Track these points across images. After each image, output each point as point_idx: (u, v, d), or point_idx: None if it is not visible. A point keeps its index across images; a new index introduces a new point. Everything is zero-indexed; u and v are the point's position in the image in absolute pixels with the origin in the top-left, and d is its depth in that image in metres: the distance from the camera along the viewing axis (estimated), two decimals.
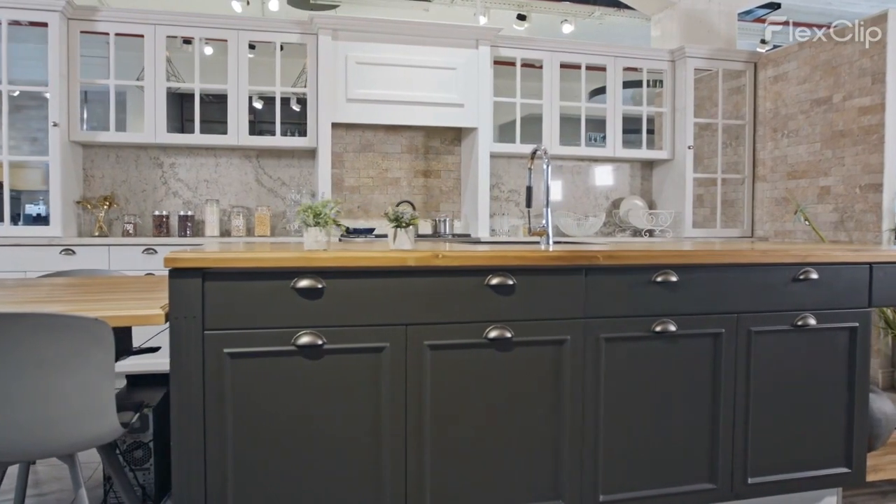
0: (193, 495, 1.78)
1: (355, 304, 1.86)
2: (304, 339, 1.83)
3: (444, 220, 4.81)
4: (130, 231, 4.37)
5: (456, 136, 5.07)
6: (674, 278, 2.08)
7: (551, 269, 1.99)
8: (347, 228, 4.63)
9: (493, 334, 1.94)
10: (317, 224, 1.93)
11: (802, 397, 2.26)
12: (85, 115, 4.21)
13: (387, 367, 1.89)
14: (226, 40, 4.33)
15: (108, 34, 4.16)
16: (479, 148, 4.71)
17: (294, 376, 1.84)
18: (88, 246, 3.94)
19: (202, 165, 4.64)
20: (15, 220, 4.10)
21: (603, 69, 5.01)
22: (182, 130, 4.29)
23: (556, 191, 5.31)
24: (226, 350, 1.79)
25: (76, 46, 4.11)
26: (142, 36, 4.20)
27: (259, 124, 4.49)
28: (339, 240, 4.24)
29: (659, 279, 2.07)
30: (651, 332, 2.08)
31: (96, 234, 4.31)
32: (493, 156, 5.01)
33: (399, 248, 1.99)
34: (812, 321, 2.23)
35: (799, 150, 4.74)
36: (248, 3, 6.30)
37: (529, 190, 2.85)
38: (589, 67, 4.99)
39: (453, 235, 4.80)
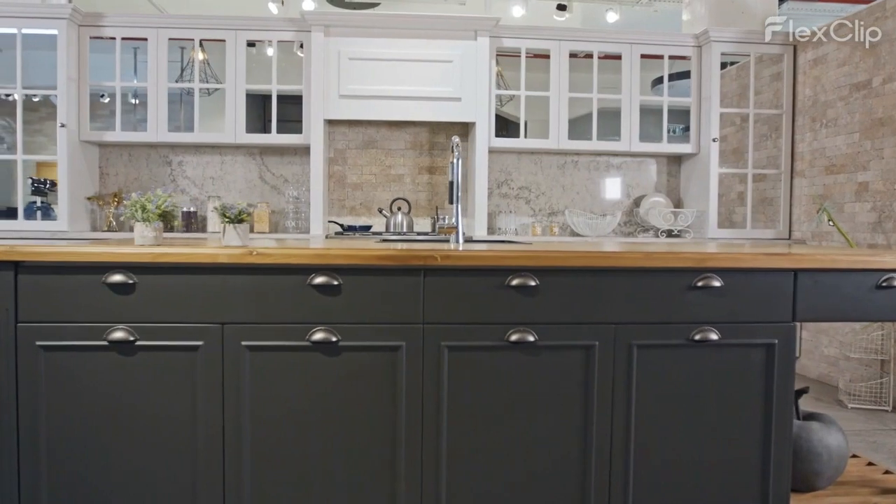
0: (6, 489, 1.79)
1: (169, 300, 1.80)
2: (116, 335, 1.79)
3: (444, 218, 4.67)
4: None
5: (463, 131, 4.91)
6: (532, 282, 1.86)
7: (383, 270, 1.83)
8: (342, 225, 4.61)
9: (317, 337, 1.82)
10: (144, 219, 1.89)
11: (703, 425, 1.95)
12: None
13: (202, 366, 1.82)
14: (224, 40, 4.42)
15: (114, 39, 4.36)
16: (477, 143, 4.53)
17: (108, 372, 1.81)
18: (89, 239, 4.15)
19: (208, 163, 4.78)
20: (29, 214, 4.38)
21: (618, 58, 4.68)
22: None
23: (569, 188, 5.01)
24: (38, 343, 1.79)
25: (86, 51, 4.34)
26: (146, 39, 4.38)
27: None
28: (336, 234, 4.23)
29: (515, 283, 1.86)
30: (506, 342, 1.87)
31: (105, 229, 4.54)
32: (502, 151, 4.82)
33: (228, 244, 1.91)
34: (713, 336, 1.92)
35: (837, 142, 4.19)
36: (282, 3, 6.43)
37: (451, 185, 2.68)
38: (602, 56, 4.67)
39: None
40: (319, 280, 1.81)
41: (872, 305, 1.98)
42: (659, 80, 5.90)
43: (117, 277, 1.78)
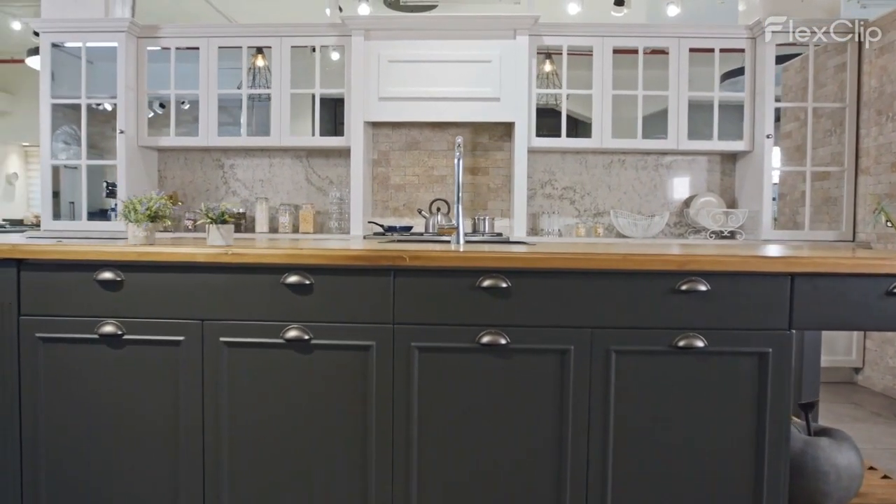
0: (10, 467, 1.94)
1: (153, 297, 1.89)
2: (106, 329, 1.90)
3: (484, 219, 4.64)
4: (190, 227, 4.81)
5: (506, 131, 4.87)
6: (504, 284, 1.83)
7: (353, 270, 1.85)
8: (383, 226, 4.68)
9: (290, 335, 1.86)
10: (135, 220, 2.00)
11: (688, 437, 1.85)
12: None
13: (184, 361, 1.90)
14: (270, 46, 4.59)
15: (169, 49, 4.61)
16: (516, 143, 4.48)
17: (99, 364, 1.92)
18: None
19: (257, 166, 4.97)
20: (92, 216, 4.69)
21: (664, 52, 4.50)
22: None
23: (615, 188, 4.87)
24: (38, 335, 1.92)
25: (144, 61, 4.61)
26: (197, 48, 4.61)
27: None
28: (375, 234, 4.30)
29: (485, 284, 1.83)
30: (477, 344, 1.85)
31: (161, 229, 4.80)
32: (546, 151, 4.75)
33: (212, 244, 1.98)
34: (699, 343, 1.82)
35: None
36: (340, 8, 6.58)
37: (456, 185, 2.67)
38: (648, 51, 4.51)
39: (494, 235, 4.62)
40: (292, 279, 1.85)
41: (882, 313, 1.82)
42: (727, 75, 5.63)
43: (106, 275, 1.89)
